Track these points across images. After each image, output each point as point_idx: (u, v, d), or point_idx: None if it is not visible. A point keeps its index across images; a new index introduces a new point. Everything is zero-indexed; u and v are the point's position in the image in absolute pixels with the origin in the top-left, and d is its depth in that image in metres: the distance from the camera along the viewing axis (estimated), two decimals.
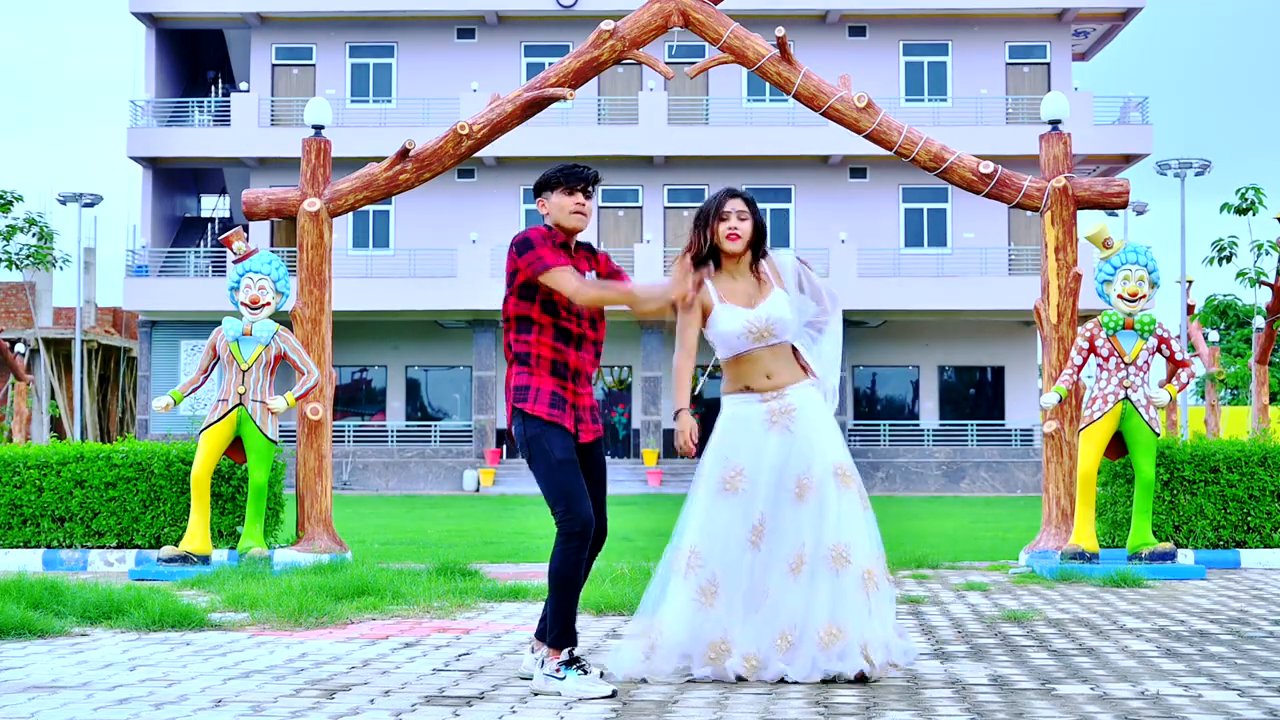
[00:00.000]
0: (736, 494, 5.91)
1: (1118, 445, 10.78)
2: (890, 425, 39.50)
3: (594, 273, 5.94)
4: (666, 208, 40.33)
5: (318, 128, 11.82)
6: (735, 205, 6.04)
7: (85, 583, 8.62)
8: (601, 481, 5.89)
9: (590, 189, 5.90)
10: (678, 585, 5.90)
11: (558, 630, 5.64)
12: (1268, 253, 27.18)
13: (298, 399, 11.08)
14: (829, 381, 6.18)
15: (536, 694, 5.62)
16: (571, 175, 5.88)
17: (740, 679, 5.81)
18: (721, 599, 5.84)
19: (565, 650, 5.61)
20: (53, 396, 42.57)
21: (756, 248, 6.10)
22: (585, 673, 5.58)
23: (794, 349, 6.11)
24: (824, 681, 5.76)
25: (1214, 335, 38.96)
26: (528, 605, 8.66)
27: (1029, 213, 11.50)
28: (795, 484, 5.89)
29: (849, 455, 6.03)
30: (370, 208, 37.43)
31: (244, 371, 10.90)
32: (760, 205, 40.66)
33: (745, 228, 6.03)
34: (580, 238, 6.01)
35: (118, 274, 42.31)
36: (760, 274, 6.09)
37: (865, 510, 5.95)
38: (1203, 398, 39.53)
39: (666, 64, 11.30)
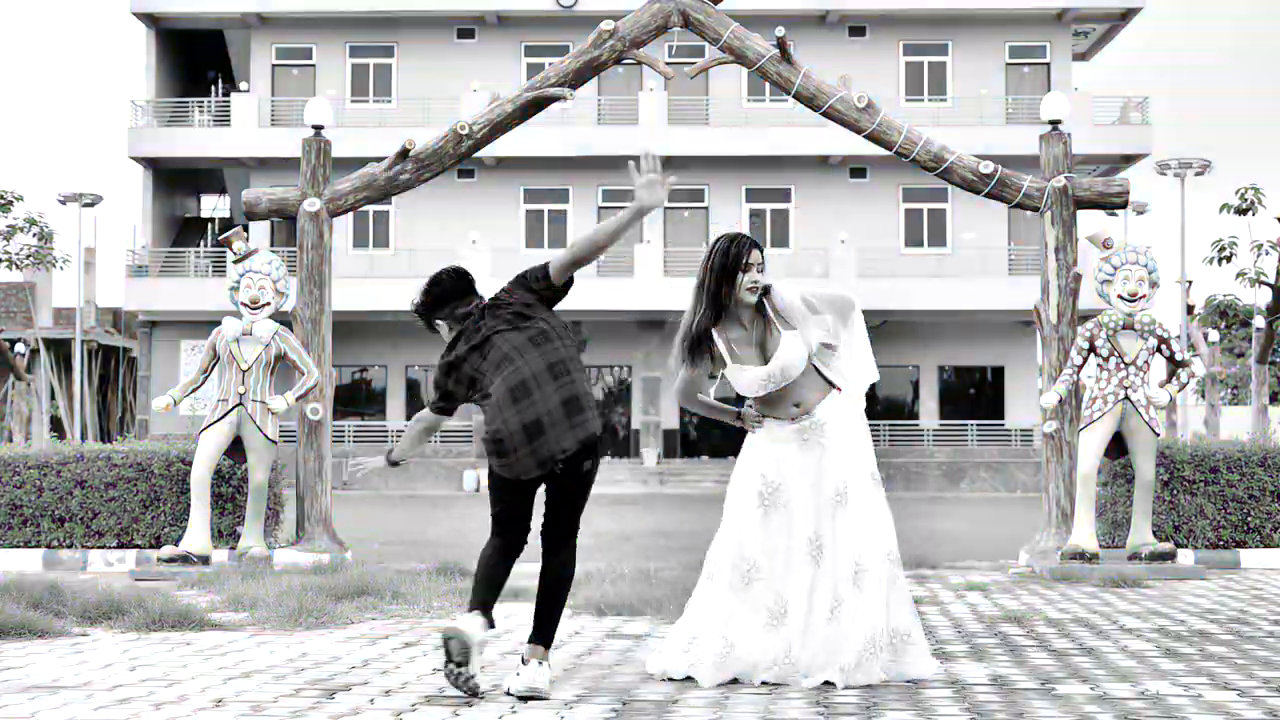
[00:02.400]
0: (779, 509, 5.90)
1: (1118, 445, 10.78)
2: (890, 425, 39.50)
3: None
4: (667, 208, 40.30)
5: (318, 128, 11.81)
6: (756, 257, 5.95)
7: (85, 583, 8.62)
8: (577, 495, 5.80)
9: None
10: (735, 599, 5.86)
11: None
12: (1267, 253, 27.19)
13: (298, 399, 11.08)
14: (864, 380, 6.12)
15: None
16: None
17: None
18: (793, 617, 5.81)
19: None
20: (53, 396, 42.57)
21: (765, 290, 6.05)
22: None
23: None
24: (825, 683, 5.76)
25: (1214, 335, 38.95)
26: (527, 605, 8.66)
27: (1029, 213, 11.48)
28: (835, 492, 5.88)
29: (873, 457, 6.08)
30: (370, 208, 37.41)
31: (244, 371, 10.90)
32: (760, 205, 40.84)
33: (763, 280, 5.99)
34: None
35: (118, 274, 42.30)
36: (768, 317, 6.00)
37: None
38: (1203, 397, 39.53)
39: (666, 64, 11.30)
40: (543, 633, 5.71)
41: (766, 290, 6.00)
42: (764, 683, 5.79)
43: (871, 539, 5.86)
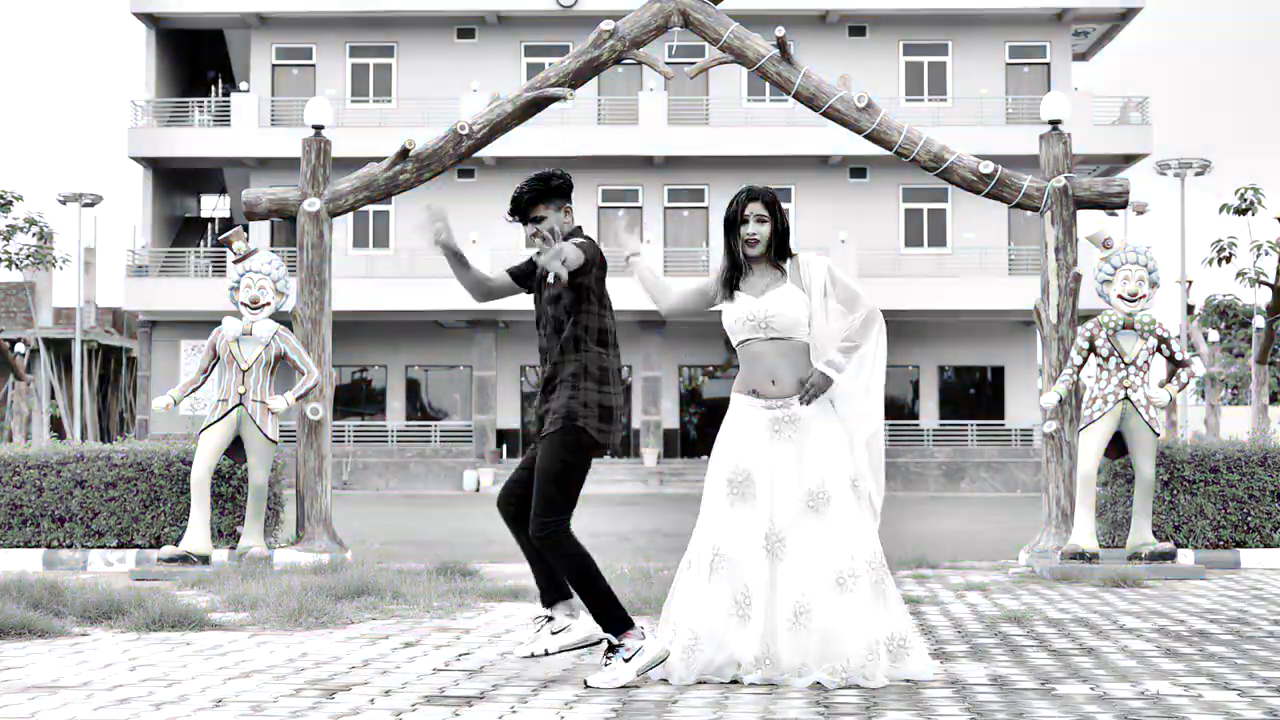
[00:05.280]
0: (745, 500, 5.89)
1: (1118, 445, 10.78)
2: (890, 425, 39.49)
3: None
4: (666, 208, 40.32)
5: (318, 128, 11.81)
6: (754, 209, 5.98)
7: (85, 583, 8.62)
8: (535, 477, 6.00)
9: (523, 218, 6.06)
10: (705, 589, 5.86)
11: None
12: (1267, 253, 27.17)
13: (298, 399, 11.08)
14: (867, 415, 6.09)
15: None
16: (512, 210, 6.11)
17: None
18: (756, 610, 5.79)
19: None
20: (53, 396, 42.57)
21: (780, 246, 6.04)
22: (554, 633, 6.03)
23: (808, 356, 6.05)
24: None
25: (1214, 335, 38.96)
26: (527, 605, 8.66)
27: (1029, 213, 11.50)
28: (808, 496, 5.85)
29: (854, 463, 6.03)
30: (370, 208, 37.43)
31: (244, 371, 10.90)
32: None
33: (764, 231, 5.98)
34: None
35: (118, 274, 42.33)
36: (782, 269, 6.05)
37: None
38: (1203, 398, 39.53)
39: (666, 64, 11.30)
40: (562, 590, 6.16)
41: (790, 253, 6.05)
42: (751, 683, 5.77)
43: (855, 547, 5.83)
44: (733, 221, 6.03)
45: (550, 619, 6.06)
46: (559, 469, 5.89)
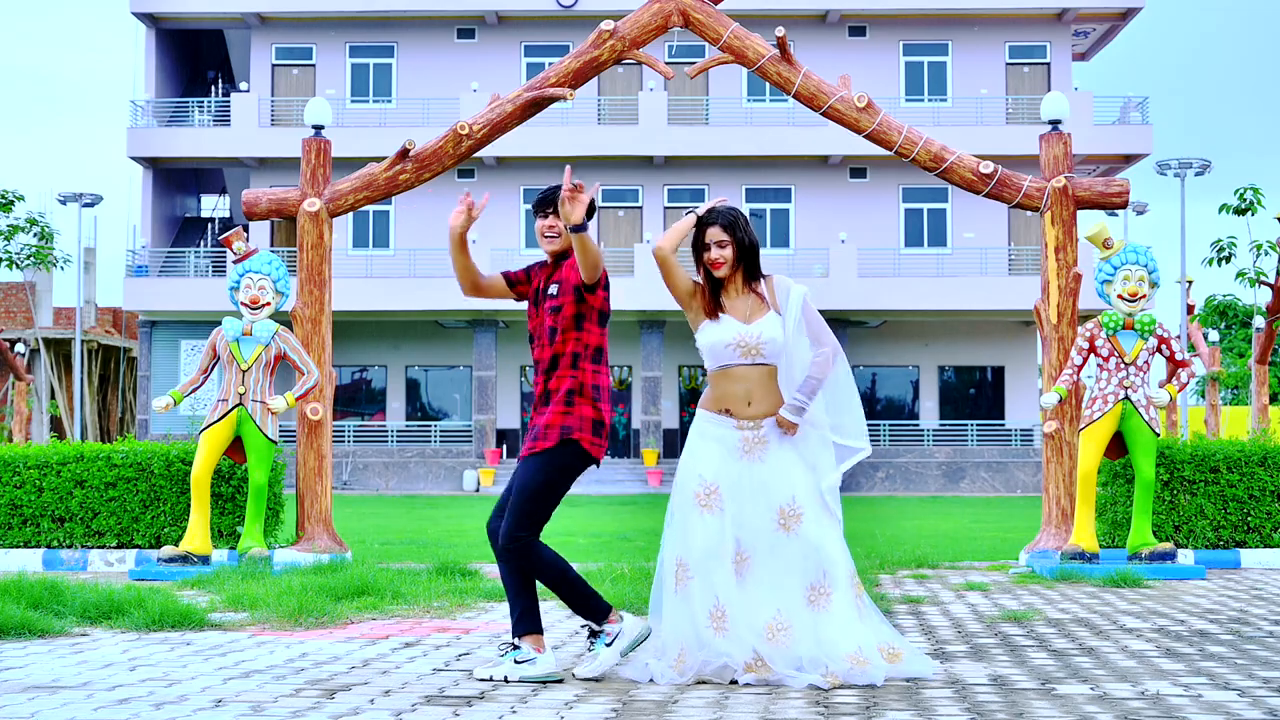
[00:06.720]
0: (713, 512, 5.87)
1: (1118, 445, 10.77)
2: (890, 425, 39.50)
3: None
4: (666, 208, 40.31)
5: (318, 128, 11.82)
6: (713, 235, 5.97)
7: (85, 583, 8.62)
8: (515, 490, 5.91)
9: (555, 209, 5.99)
10: (676, 602, 5.88)
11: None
12: (1267, 253, 27.18)
13: (298, 399, 11.08)
14: (852, 441, 6.03)
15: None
16: (539, 201, 6.08)
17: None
18: (731, 621, 5.79)
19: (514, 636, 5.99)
20: (53, 396, 42.57)
21: (749, 266, 6.02)
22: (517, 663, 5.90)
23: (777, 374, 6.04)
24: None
25: (1214, 335, 38.97)
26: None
27: (1029, 213, 11.49)
28: (778, 514, 5.85)
29: (834, 473, 5.98)
30: (370, 208, 37.44)
31: (244, 371, 10.90)
32: (760, 205, 40.79)
33: (725, 254, 5.96)
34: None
35: (118, 274, 42.37)
36: (759, 293, 6.02)
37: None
38: (1203, 398, 39.54)
39: (666, 64, 11.30)
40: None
41: (762, 273, 6.04)
42: (747, 683, 5.78)
43: (828, 563, 5.82)
44: (697, 247, 6.02)
45: (517, 647, 5.91)
46: (543, 486, 5.85)
